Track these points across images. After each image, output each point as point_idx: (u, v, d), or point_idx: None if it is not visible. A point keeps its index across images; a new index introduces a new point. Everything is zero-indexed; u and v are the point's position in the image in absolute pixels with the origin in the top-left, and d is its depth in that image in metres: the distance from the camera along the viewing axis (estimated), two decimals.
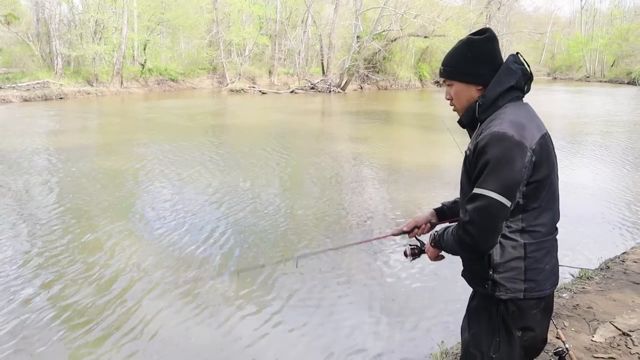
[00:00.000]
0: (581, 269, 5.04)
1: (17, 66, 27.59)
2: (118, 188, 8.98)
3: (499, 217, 1.89)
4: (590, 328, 3.77)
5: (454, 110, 2.21)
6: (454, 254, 2.13)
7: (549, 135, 2.01)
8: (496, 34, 2.11)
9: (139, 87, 31.91)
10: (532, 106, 2.07)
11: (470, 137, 2.12)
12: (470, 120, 2.10)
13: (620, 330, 3.71)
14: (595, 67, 64.02)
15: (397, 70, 39.44)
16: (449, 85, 2.18)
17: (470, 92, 2.10)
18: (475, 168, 1.95)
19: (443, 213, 2.49)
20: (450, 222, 2.34)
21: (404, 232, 2.51)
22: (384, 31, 36.37)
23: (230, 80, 35.38)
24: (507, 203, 1.87)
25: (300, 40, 41.53)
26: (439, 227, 2.25)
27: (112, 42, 30.72)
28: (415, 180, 9.73)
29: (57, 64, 28.27)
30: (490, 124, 1.94)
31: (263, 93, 32.27)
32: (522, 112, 1.98)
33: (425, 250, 2.35)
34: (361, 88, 36.76)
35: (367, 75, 36.93)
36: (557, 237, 2.09)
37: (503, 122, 1.90)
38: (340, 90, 33.67)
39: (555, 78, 66.69)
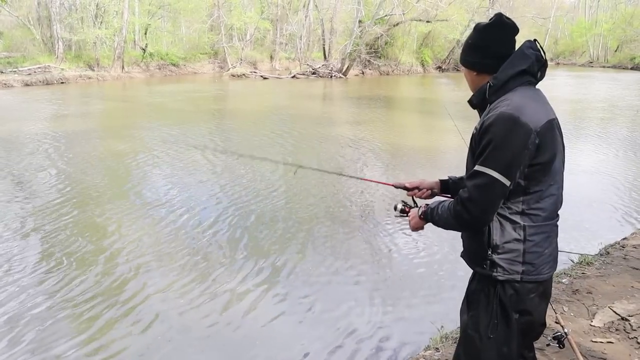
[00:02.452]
0: (581, 254, 5.07)
1: (19, 50, 27.48)
2: (121, 171, 9.02)
3: (497, 195, 1.92)
4: (590, 313, 3.81)
5: (468, 100, 2.24)
6: (447, 228, 2.14)
7: (557, 122, 2.04)
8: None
9: (140, 72, 31.79)
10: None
11: (480, 117, 2.14)
12: (480, 100, 2.12)
13: (619, 315, 3.75)
14: (598, 52, 63.58)
15: (399, 55, 39.21)
16: (463, 70, 2.23)
17: (471, 77, 2.16)
18: (479, 146, 1.98)
19: (447, 187, 2.53)
20: (445, 198, 2.37)
21: (405, 188, 2.58)
22: (386, 16, 36.10)
23: (232, 65, 35.22)
24: (507, 182, 1.90)
25: (302, 24, 41.24)
26: (432, 201, 2.27)
27: (113, 26, 30.54)
28: (416, 164, 9.75)
29: (58, 48, 28.15)
30: (498, 105, 1.97)
31: (264, 78, 32.16)
32: (531, 96, 2.00)
33: (410, 217, 2.36)
34: (363, 73, 36.60)
35: (368, 61, 36.73)
36: (558, 222, 2.12)
37: (510, 103, 1.93)
38: (342, 76, 33.53)
39: (558, 63, 66.25)
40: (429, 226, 2.30)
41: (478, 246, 2.07)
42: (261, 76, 32.53)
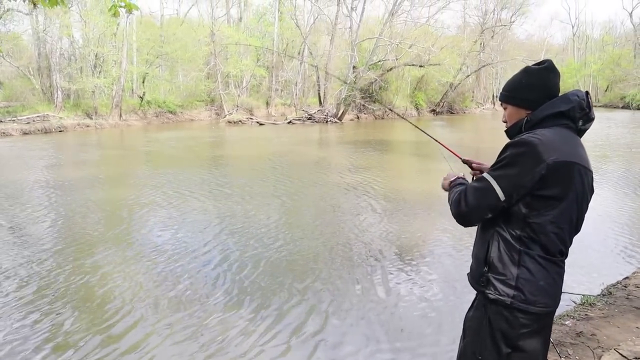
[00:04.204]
0: (583, 295, 5.04)
1: (18, 100, 27.82)
2: (117, 218, 8.99)
3: (487, 203, 2.07)
4: (595, 356, 3.76)
5: (505, 130, 2.34)
6: (449, 204, 2.29)
7: (584, 169, 2.09)
8: (490, 61, 2.29)
9: (137, 120, 32.12)
10: None
11: None
12: (515, 133, 2.21)
13: (625, 357, 3.70)
14: (590, 93, 64.59)
15: (393, 99, 39.81)
16: (504, 108, 2.31)
17: (520, 115, 2.23)
18: (496, 161, 2.12)
19: None
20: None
21: (471, 166, 2.67)
22: (379, 61, 36.84)
23: (228, 111, 35.65)
24: (501, 196, 2.03)
25: (297, 71, 41.97)
26: (461, 179, 2.43)
27: (112, 75, 31.04)
28: (414, 209, 9.76)
29: (57, 97, 28.52)
30: (529, 133, 2.07)
31: (261, 124, 32.50)
32: (563, 136, 2.07)
33: (445, 177, 2.50)
34: (358, 118, 37.04)
35: (363, 105, 37.26)
36: (562, 262, 2.15)
37: (536, 133, 2.04)
38: (337, 120, 33.92)
39: None
40: (434, 269, 2.36)
41: (479, 261, 2.17)
42: (257, 122, 32.87)
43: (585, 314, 4.56)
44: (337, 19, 38.10)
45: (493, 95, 57.61)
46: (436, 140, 3.05)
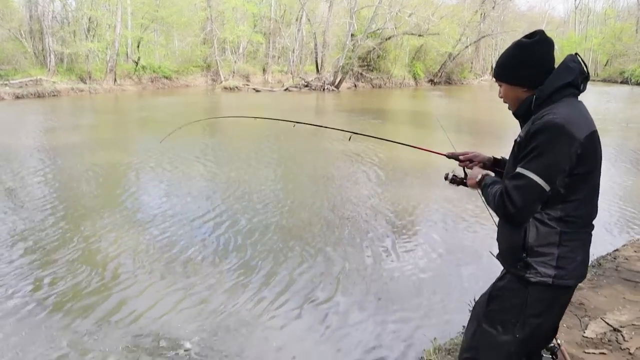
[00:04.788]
0: None
1: (10, 63, 27.42)
2: (112, 182, 8.96)
3: (535, 199, 1.99)
4: (582, 324, 3.78)
5: (512, 112, 2.28)
6: (489, 205, 2.21)
7: (597, 134, 2.08)
8: (492, 32, 2.20)
9: (132, 85, 31.79)
10: None
11: (522, 127, 2.19)
12: (524, 111, 2.18)
13: (611, 326, 3.72)
14: (589, 66, 64.18)
15: (391, 68, 39.44)
16: (500, 85, 2.27)
17: (516, 93, 2.20)
18: (524, 151, 2.04)
19: (499, 164, 2.57)
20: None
21: (457, 159, 2.69)
22: (378, 29, 36.37)
23: (224, 78, 35.31)
24: (546, 187, 1.97)
25: (295, 38, 41.46)
26: (489, 178, 2.31)
27: (106, 40, 30.60)
28: (409, 177, 9.74)
29: (50, 61, 28.13)
30: (544, 114, 2.02)
31: (257, 91, 32.23)
32: (575, 107, 2.07)
33: (468, 182, 2.46)
34: (355, 86, 36.76)
35: (361, 74, 36.94)
36: (592, 232, 2.17)
37: (556, 113, 1.99)
38: (334, 89, 33.65)
39: None
40: (429, 243, 2.32)
41: (513, 247, 2.13)
42: (253, 89, 32.60)
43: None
44: None
45: (492, 67, 57.10)
46: (415, 147, 2.94)
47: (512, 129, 2.56)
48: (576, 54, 2.17)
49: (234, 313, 4.56)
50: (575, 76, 2.08)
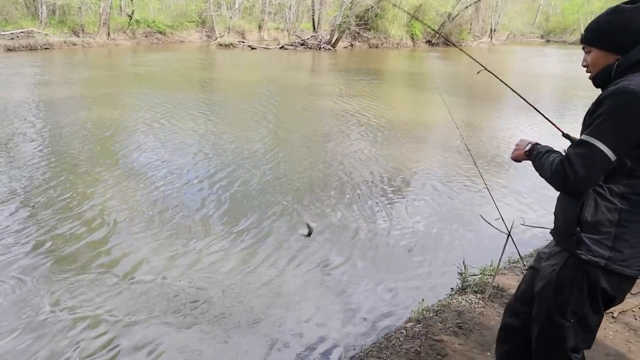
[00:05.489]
0: None
1: (0, 14, 26.80)
2: (105, 138, 8.91)
3: (598, 168, 1.86)
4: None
5: (590, 77, 2.12)
6: (542, 176, 2.08)
7: None
8: None
9: (126, 39, 31.21)
10: (527, 66, 2.04)
11: None
12: (603, 79, 2.04)
13: None
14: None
15: (389, 28, 38.85)
16: (587, 52, 2.10)
17: (608, 61, 2.01)
18: (591, 117, 1.91)
19: None
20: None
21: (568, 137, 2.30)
22: None
23: (219, 34, 34.70)
24: (612, 156, 1.83)
25: None
26: (541, 146, 2.17)
27: None
28: (404, 138, 9.73)
29: (41, 12, 27.49)
30: (620, 81, 1.89)
31: (252, 48, 31.78)
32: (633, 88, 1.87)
33: (514, 152, 2.29)
34: (352, 45, 36.26)
35: (358, 33, 36.39)
36: None
37: (632, 80, 1.85)
38: (331, 47, 33.20)
39: (548, 41, 66.12)
40: (422, 206, 2.29)
41: (568, 221, 2.03)
42: (249, 46, 32.13)
43: None
44: None
45: (491, 29, 56.37)
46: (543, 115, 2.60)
47: (511, 92, 2.49)
48: None
49: (221, 271, 4.61)
50: None
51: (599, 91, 2.02)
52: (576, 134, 2.04)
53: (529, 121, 11.48)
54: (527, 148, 2.19)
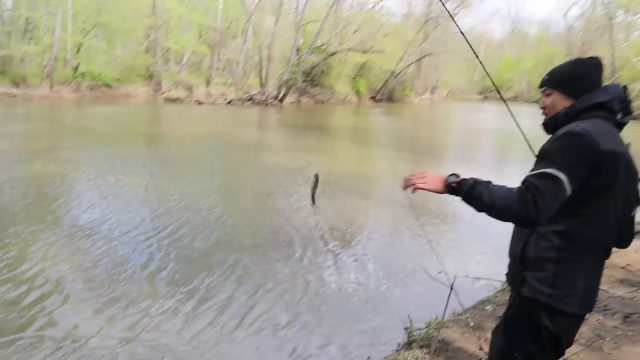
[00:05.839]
0: (503, 282, 5.23)
1: None
2: (43, 195, 8.60)
3: (559, 196, 1.88)
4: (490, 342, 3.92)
5: (544, 116, 2.24)
6: (486, 207, 1.99)
7: (627, 158, 2.03)
8: (432, 52, 2.20)
9: (70, 92, 30.72)
10: (467, 121, 2.14)
11: None
12: (552, 125, 2.15)
13: None
14: (523, 87, 67.11)
15: (334, 84, 39.91)
16: (548, 94, 2.21)
17: (565, 104, 2.13)
18: (545, 154, 1.98)
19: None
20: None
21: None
22: (323, 45, 36.78)
23: (167, 88, 34.74)
24: (569, 188, 1.88)
25: (240, 50, 41.33)
26: (471, 178, 2.10)
27: (43, 43, 29.48)
28: (350, 193, 9.86)
29: None
30: (567, 126, 2.00)
31: (199, 103, 31.89)
32: (603, 127, 2.00)
33: (429, 174, 2.14)
34: (298, 101, 36.95)
35: (304, 89, 37.18)
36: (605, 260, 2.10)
37: (579, 124, 1.96)
38: (278, 103, 33.72)
39: (486, 97, 69.36)
40: (368, 259, 2.31)
41: (516, 261, 2.11)
42: (196, 101, 32.23)
43: (505, 300, 4.73)
44: None
45: (432, 86, 58.75)
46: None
47: (452, 146, 2.57)
48: (624, 86, 2.13)
49: (154, 325, 4.47)
50: (611, 99, 2.04)
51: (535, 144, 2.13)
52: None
53: (470, 173, 11.84)
54: (454, 180, 2.08)
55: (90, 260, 5.91)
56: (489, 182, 2.03)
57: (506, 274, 2.28)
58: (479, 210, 2.02)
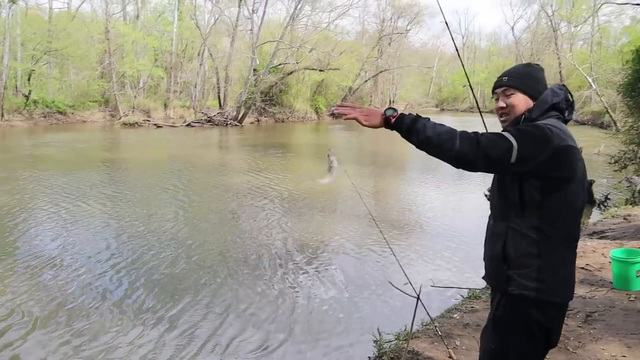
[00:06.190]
0: (470, 289, 5.31)
1: None
2: (0, 226, 8.35)
3: (501, 154, 1.93)
4: (479, 344, 3.97)
5: (503, 120, 2.26)
6: (428, 144, 2.00)
7: (579, 153, 2.12)
8: (387, 67, 2.22)
9: (22, 120, 29.98)
10: None
11: None
12: (515, 124, 2.19)
13: None
14: (477, 98, 68.73)
15: (293, 103, 40.09)
16: (509, 95, 2.23)
17: (528, 105, 2.18)
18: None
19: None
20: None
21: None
22: (280, 64, 36.96)
23: (124, 113, 34.26)
24: (514, 155, 1.93)
25: (197, 72, 41.15)
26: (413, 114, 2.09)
27: None
28: (314, 209, 9.87)
29: None
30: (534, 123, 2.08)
31: (158, 126, 31.55)
32: (560, 124, 2.09)
33: (369, 110, 2.11)
34: (258, 121, 36.95)
35: (263, 108, 37.22)
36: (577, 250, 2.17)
37: (543, 122, 2.05)
38: (237, 123, 33.64)
39: (442, 109, 70.76)
40: (334, 270, 2.32)
41: (497, 261, 2.13)
42: (155, 125, 31.88)
43: (472, 307, 4.81)
44: (238, 20, 37.86)
45: (390, 100, 59.62)
46: None
47: (413, 159, 2.59)
48: (563, 84, 2.26)
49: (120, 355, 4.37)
50: (561, 99, 2.16)
51: None
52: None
53: (429, 186, 12.04)
54: (392, 113, 2.07)
55: (53, 291, 5.75)
56: (429, 119, 2.05)
57: (484, 278, 2.33)
58: (420, 145, 2.02)
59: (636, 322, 4.13)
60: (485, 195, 2.53)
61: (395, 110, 2.07)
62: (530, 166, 1.98)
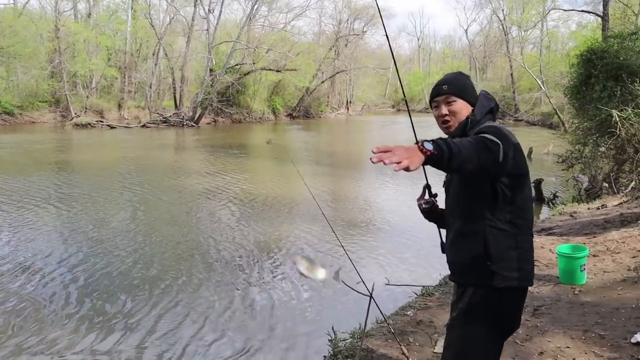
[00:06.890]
0: (423, 286, 5.40)
1: None
2: None
3: (496, 154, 1.94)
4: (432, 341, 4.06)
5: (446, 127, 2.32)
6: (464, 156, 1.84)
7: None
8: (344, 68, 2.30)
9: None
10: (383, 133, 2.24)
11: None
12: (460, 134, 2.24)
13: None
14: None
15: (250, 103, 39.89)
16: (450, 102, 2.30)
17: (468, 110, 2.30)
18: None
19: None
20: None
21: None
22: (236, 65, 36.73)
23: (75, 114, 33.37)
24: (501, 153, 1.95)
25: (152, 72, 40.47)
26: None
27: None
28: (270, 211, 9.86)
29: None
30: (482, 127, 2.17)
31: (112, 127, 30.90)
32: (499, 125, 2.23)
33: (407, 149, 1.72)
34: (215, 122, 36.60)
35: (220, 109, 36.88)
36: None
37: (491, 125, 2.18)
38: (194, 124, 33.26)
39: (398, 110, 71.57)
40: (291, 275, 2.32)
41: (477, 258, 2.17)
42: (108, 125, 31.21)
43: (425, 304, 4.90)
44: (194, 20, 37.47)
45: (347, 101, 60.01)
46: None
47: (368, 160, 2.65)
48: (486, 92, 2.41)
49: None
50: (495, 104, 2.35)
51: None
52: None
53: (385, 185, 12.18)
54: (431, 147, 1.78)
55: (2, 300, 5.58)
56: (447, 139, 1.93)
57: (452, 278, 2.41)
58: (452, 167, 1.86)
59: (579, 314, 4.30)
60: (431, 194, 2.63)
61: (430, 141, 1.80)
62: (510, 163, 2.05)
